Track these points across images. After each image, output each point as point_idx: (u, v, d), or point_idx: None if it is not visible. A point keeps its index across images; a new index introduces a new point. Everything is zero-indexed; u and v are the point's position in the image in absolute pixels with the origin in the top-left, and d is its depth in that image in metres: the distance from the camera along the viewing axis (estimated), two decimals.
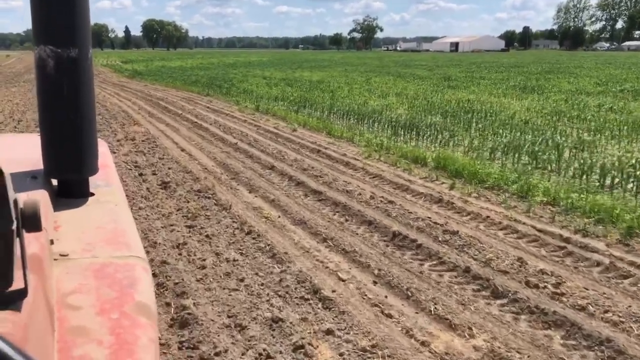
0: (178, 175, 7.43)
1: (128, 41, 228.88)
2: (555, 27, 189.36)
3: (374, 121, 12.04)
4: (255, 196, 6.55)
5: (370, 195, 6.38)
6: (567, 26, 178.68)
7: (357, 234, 5.21)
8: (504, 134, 10.14)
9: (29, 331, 0.75)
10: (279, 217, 5.76)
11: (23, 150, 1.85)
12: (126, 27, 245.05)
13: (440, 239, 4.98)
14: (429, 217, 5.57)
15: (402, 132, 10.70)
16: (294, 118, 12.70)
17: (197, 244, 4.92)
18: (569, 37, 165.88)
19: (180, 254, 4.64)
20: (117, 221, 1.35)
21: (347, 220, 5.59)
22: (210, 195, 6.45)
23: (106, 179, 1.68)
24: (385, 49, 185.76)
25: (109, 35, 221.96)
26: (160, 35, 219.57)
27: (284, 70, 37.29)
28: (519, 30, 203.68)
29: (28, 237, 0.86)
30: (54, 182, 1.54)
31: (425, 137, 10.18)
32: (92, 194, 1.54)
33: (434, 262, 4.50)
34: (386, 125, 11.49)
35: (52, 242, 1.15)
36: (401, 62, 54.68)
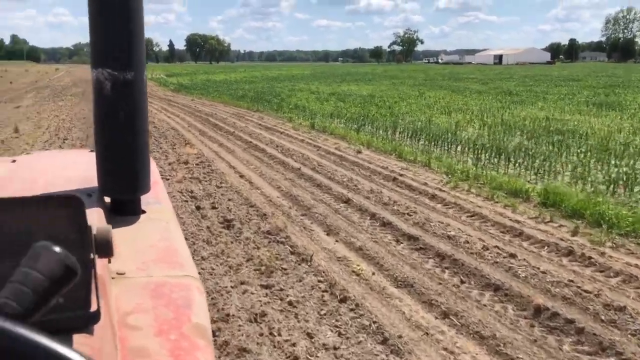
0: (241, 210, 6.38)
1: (172, 55, 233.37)
2: (603, 38, 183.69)
3: (448, 142, 10.80)
4: (337, 240, 5.42)
5: (482, 245, 5.15)
6: (616, 38, 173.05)
7: (485, 305, 3.99)
8: (612, 161, 8.74)
9: (102, 353, 0.77)
10: (374, 274, 4.60)
11: (74, 167, 1.93)
12: (170, 41, 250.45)
13: (603, 317, 3.72)
14: (571, 281, 4.31)
15: (486, 157, 9.43)
16: (355, 138, 11.58)
17: (280, 315, 3.80)
18: (619, 49, 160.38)
19: (261, 334, 3.53)
20: (169, 239, 1.36)
21: (463, 282, 4.39)
22: (283, 240, 5.35)
23: (156, 196, 1.68)
24: (426, 61, 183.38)
25: (154, 49, 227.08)
26: (203, 49, 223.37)
27: (329, 84, 36.36)
28: (563, 42, 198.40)
29: None
30: (107, 199, 1.56)
31: (515, 164, 8.88)
32: (144, 212, 1.54)
33: None
34: (464, 148, 10.23)
35: (109, 260, 1.14)
36: (447, 75, 53.07)
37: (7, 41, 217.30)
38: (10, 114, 18.19)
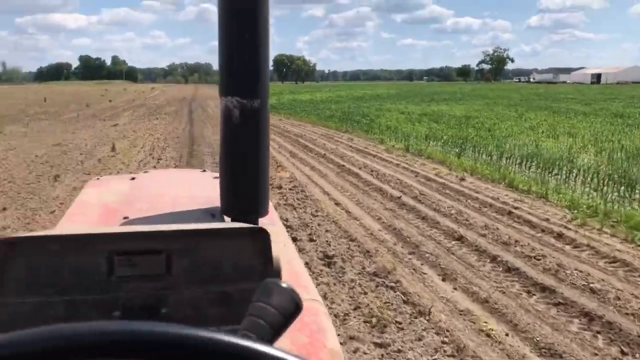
0: (341, 244, 5.78)
1: None
2: None
3: (564, 170, 9.71)
4: (455, 288, 4.68)
5: (638, 304, 4.22)
6: None
7: None
8: None
9: None
10: (507, 334, 3.82)
11: (193, 186, 2.11)
12: None
13: None
14: None
15: (613, 189, 8.30)
16: (456, 163, 10.73)
17: None
18: None
19: None
20: (289, 262, 1.35)
21: (625, 354, 3.52)
22: (392, 284, 4.68)
23: (270, 218, 1.70)
24: (517, 80, 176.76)
25: None
26: (289, 69, 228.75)
27: (417, 104, 35.46)
28: None
29: None
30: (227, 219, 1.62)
31: None
32: None
33: None
34: (585, 178, 9.12)
35: None
36: (543, 94, 50.41)
37: (108, 62, 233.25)
38: (109, 131, 18.86)
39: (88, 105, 37.29)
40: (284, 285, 0.70)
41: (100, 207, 1.91)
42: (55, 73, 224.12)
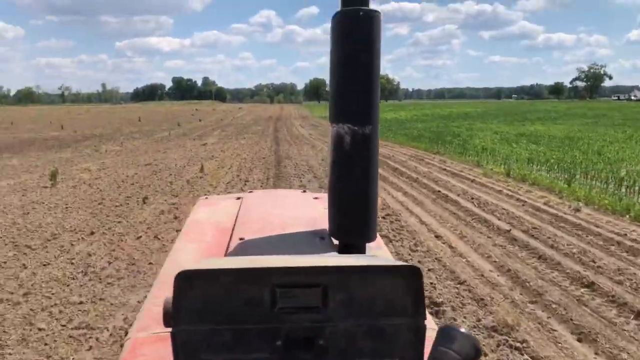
0: (448, 288, 5.05)
1: None
2: None
3: None
4: (597, 353, 3.82)
5: None
6: None
7: None
8: None
9: None
10: None
11: (297, 208, 2.17)
12: None
13: None
14: None
15: None
16: (567, 191, 9.62)
17: None
18: None
19: None
20: None
21: None
22: (518, 344, 3.90)
23: (377, 244, 1.76)
24: (616, 98, 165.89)
25: (326, 89, 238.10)
26: None
27: (510, 123, 33.72)
28: None
29: None
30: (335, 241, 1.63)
31: None
32: None
33: None
34: None
35: None
36: None
37: (199, 83, 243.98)
38: (198, 150, 19.12)
39: (179, 124, 38.63)
40: (463, 331, 0.78)
41: (213, 226, 2.08)
42: (150, 93, 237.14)
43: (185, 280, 0.93)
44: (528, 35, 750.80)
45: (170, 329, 0.97)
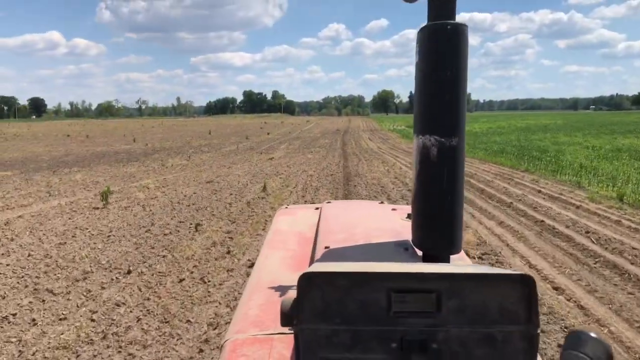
0: None
1: (412, 106, 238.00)
2: None
3: None
4: None
5: None
6: None
7: None
8: None
9: None
10: None
11: (378, 218, 2.17)
12: (411, 93, 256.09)
13: None
14: None
15: None
16: None
17: None
18: None
19: None
20: None
21: None
22: None
23: (460, 256, 1.70)
24: None
25: (394, 101, 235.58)
26: None
27: (597, 136, 30.92)
28: None
29: None
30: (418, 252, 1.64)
31: None
32: None
33: None
34: None
35: None
36: None
37: (269, 96, 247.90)
38: (264, 165, 18.18)
39: (248, 137, 38.33)
40: (593, 334, 0.76)
41: (295, 235, 2.23)
42: (222, 107, 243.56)
43: (308, 281, 0.98)
44: (607, 44, 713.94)
45: (267, 332, 1.29)
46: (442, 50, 1.46)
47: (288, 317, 0.99)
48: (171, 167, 18.79)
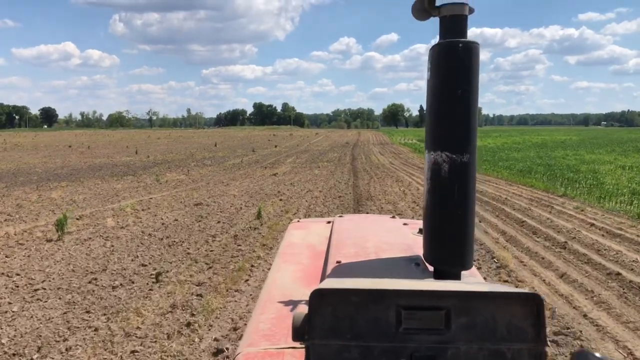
0: None
1: (422, 119, 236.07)
2: None
3: None
4: None
5: None
6: None
7: None
8: None
9: None
10: None
11: (388, 234, 2.18)
12: (420, 107, 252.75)
13: None
14: None
15: None
16: None
17: None
18: None
19: None
20: None
21: None
22: None
23: (472, 272, 1.71)
24: None
25: (404, 114, 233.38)
26: None
27: (625, 154, 28.84)
28: None
29: None
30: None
31: None
32: None
33: None
34: None
35: None
36: None
37: (279, 109, 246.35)
38: (265, 183, 16.34)
39: (254, 150, 36.68)
40: (598, 355, 0.77)
41: (307, 249, 2.23)
42: (232, 119, 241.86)
43: (320, 297, 0.99)
44: (617, 60, 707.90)
45: (278, 346, 1.29)
46: (454, 68, 1.46)
47: (299, 332, 1.01)
48: (165, 183, 17.06)
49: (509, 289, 1.02)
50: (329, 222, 2.58)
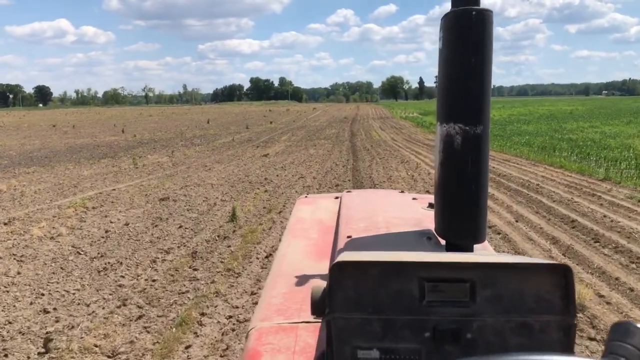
0: None
1: (421, 92, 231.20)
2: None
3: None
4: None
5: None
6: None
7: None
8: None
9: None
10: None
11: (398, 208, 2.15)
12: (420, 79, 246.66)
13: None
14: None
15: None
16: None
17: None
18: None
19: None
20: None
21: None
22: None
23: (484, 246, 1.69)
24: None
25: (404, 87, 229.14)
26: None
27: (636, 125, 26.62)
28: None
29: None
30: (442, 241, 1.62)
31: None
32: None
33: None
34: None
35: None
36: None
37: (276, 83, 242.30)
38: (254, 166, 14.28)
39: (248, 127, 34.64)
40: (639, 325, 0.73)
41: (316, 224, 2.19)
42: (228, 94, 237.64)
43: (340, 270, 0.97)
44: (618, 28, 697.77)
45: (291, 320, 1.28)
46: (467, 37, 1.41)
47: (319, 306, 0.99)
48: (142, 168, 15.14)
49: (537, 260, 0.97)
50: (337, 198, 2.55)
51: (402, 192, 2.73)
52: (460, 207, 1.49)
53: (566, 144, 17.33)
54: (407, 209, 2.08)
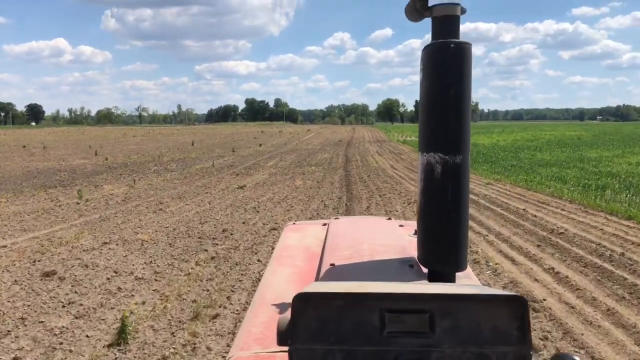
0: None
1: (417, 114, 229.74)
2: None
3: None
4: None
5: None
6: None
7: None
8: None
9: None
10: None
11: (383, 236, 2.14)
12: (416, 102, 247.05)
13: None
14: None
15: None
16: None
17: None
18: None
19: None
20: None
21: None
22: None
23: (466, 274, 1.67)
24: None
25: (399, 109, 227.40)
26: None
27: None
28: None
29: None
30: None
31: None
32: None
33: None
34: None
35: None
36: None
37: (271, 104, 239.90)
38: (218, 208, 11.04)
39: (234, 150, 31.99)
40: (576, 358, 0.75)
41: (302, 251, 2.16)
42: (223, 115, 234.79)
43: (303, 301, 0.97)
44: (611, 55, 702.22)
45: (270, 350, 1.22)
46: (446, 69, 1.45)
47: (283, 336, 0.99)
48: (83, 204, 12.34)
49: (494, 291, 0.98)
50: (324, 224, 2.52)
51: (390, 218, 2.66)
52: (441, 235, 1.49)
53: (611, 180, 14.20)
54: (393, 237, 2.11)
